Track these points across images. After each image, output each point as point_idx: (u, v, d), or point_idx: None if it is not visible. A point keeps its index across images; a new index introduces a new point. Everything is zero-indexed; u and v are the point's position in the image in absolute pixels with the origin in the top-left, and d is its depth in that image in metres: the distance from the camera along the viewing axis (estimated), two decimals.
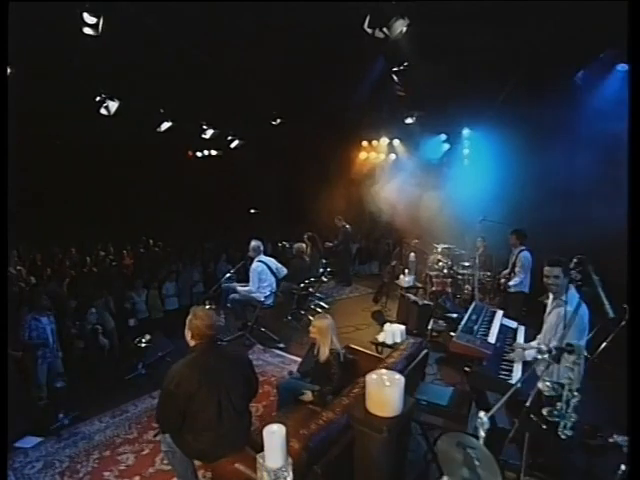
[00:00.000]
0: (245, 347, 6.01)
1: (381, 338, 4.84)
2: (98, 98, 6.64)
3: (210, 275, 9.04)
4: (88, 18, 4.90)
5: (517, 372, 3.19)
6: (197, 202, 13.90)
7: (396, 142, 11.39)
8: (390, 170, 11.30)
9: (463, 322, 3.89)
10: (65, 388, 4.63)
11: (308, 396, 3.86)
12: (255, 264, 5.90)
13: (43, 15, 5.07)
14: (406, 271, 7.46)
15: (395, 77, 6.23)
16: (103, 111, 6.71)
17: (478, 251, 7.94)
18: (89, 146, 10.22)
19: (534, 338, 3.61)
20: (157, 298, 7.56)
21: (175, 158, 12.68)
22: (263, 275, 5.88)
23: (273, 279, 6.00)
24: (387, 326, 4.89)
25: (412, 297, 6.73)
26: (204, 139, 9.19)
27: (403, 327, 4.87)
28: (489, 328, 3.90)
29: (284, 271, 6.27)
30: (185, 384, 2.56)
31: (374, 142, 11.75)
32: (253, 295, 5.90)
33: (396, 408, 2.30)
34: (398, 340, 4.75)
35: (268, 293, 5.93)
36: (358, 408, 2.47)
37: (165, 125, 8.06)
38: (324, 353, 3.89)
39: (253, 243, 6.08)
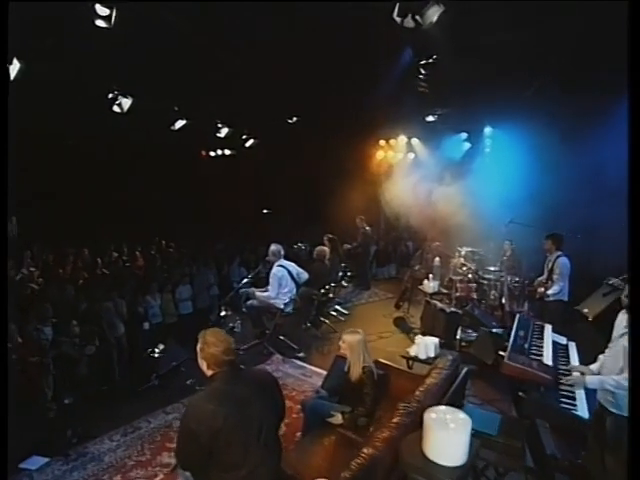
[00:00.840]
0: (263, 356, 5.63)
1: (413, 352, 4.44)
2: (110, 95, 6.29)
3: (224, 278, 8.70)
4: (100, 10, 4.55)
5: (581, 401, 2.76)
6: (210, 202, 13.57)
7: (415, 141, 10.96)
8: (408, 169, 10.85)
9: (511, 339, 3.46)
10: (73, 404, 4.28)
11: (338, 418, 3.47)
12: (275, 269, 5.52)
13: (54, 6, 4.76)
14: (430, 276, 7.03)
15: (422, 71, 5.78)
16: (116, 108, 6.38)
17: (505, 255, 7.51)
18: (102, 145, 9.91)
19: (593, 358, 3.17)
20: (171, 302, 7.22)
21: (188, 157, 12.36)
22: (283, 281, 5.50)
23: (293, 285, 5.62)
24: (419, 338, 4.49)
25: (438, 304, 6.30)
26: (219, 138, 8.83)
27: (436, 340, 4.47)
28: (540, 346, 3.47)
29: (305, 276, 5.88)
30: (208, 421, 2.17)
31: (392, 141, 11.32)
32: (272, 301, 5.52)
33: (462, 455, 1.89)
34: (432, 354, 4.34)
35: (288, 300, 5.54)
36: (411, 451, 2.06)
37: (179, 123, 7.71)
38: (356, 371, 3.50)
39: (273, 247, 5.70)
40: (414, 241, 10.41)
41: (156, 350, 4.72)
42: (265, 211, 16.14)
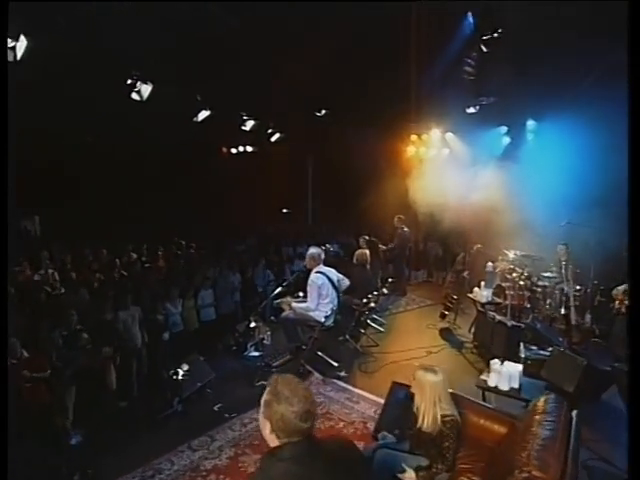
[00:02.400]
0: (299, 376, 4.81)
1: (492, 381, 3.56)
2: (130, 81, 5.56)
3: (248, 282, 7.91)
4: None
5: None
6: (229, 201, 12.83)
7: (449, 135, 10.01)
8: (443, 166, 9.89)
9: None
10: (80, 443, 3.52)
11: (411, 476, 2.65)
12: (314, 276, 4.69)
13: None
14: (482, 283, 6.13)
15: (483, 47, 4.89)
16: (135, 96, 5.64)
17: (562, 260, 6.56)
18: (120, 140, 9.20)
19: None
20: (193, 309, 6.46)
21: (209, 154, 11.62)
22: (324, 289, 4.67)
23: (335, 294, 4.78)
24: (496, 365, 3.61)
25: (497, 316, 5.40)
26: (244, 131, 8.05)
27: (520, 367, 3.60)
28: None
29: (346, 283, 5.06)
30: None
31: (424, 136, 10.38)
32: (311, 314, 4.70)
33: None
34: (515, 385, 3.48)
35: (329, 312, 4.71)
36: None
37: (203, 114, 6.95)
38: (431, 420, 2.65)
39: (313, 250, 4.88)
40: (453, 243, 9.51)
41: (179, 371, 3.96)
42: (285, 211, 15.41)
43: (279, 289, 5.39)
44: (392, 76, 7.66)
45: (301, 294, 5.10)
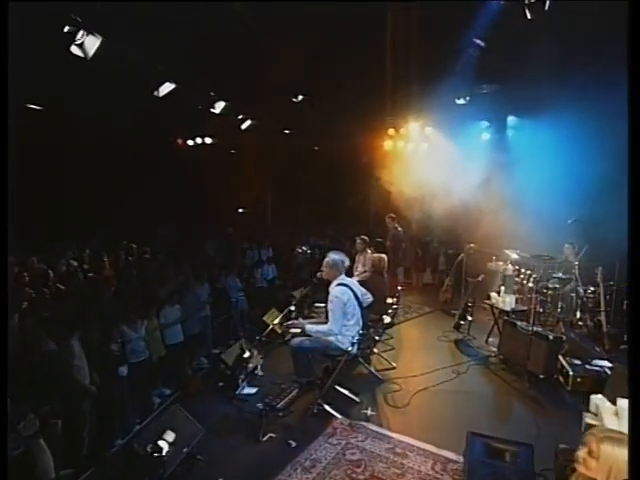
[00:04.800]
0: (316, 420, 3.56)
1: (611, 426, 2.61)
2: (67, 28, 3.96)
3: (219, 293, 6.45)
4: None
5: None
6: (187, 198, 11.13)
7: (429, 129, 9.26)
8: (422, 160, 9.11)
9: None
10: None
11: None
12: (339, 290, 3.49)
13: None
14: (502, 288, 5.29)
15: (527, 13, 3.99)
16: (76, 50, 4.06)
17: (569, 260, 5.96)
18: (50, 113, 7.10)
19: None
20: (157, 330, 4.94)
21: (162, 146, 9.86)
22: (350, 307, 3.49)
23: (360, 313, 3.62)
24: (602, 401, 2.68)
25: (530, 327, 4.53)
26: (211, 114, 6.58)
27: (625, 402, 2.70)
28: None
29: (369, 298, 3.91)
30: None
31: (402, 129, 9.54)
32: (332, 339, 3.49)
33: None
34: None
35: (356, 336, 3.53)
36: None
37: (166, 87, 5.41)
38: None
39: (335, 256, 3.67)
40: (438, 243, 8.76)
41: (163, 445, 2.57)
42: (241, 210, 13.93)
43: (291, 307, 4.14)
44: (365, 66, 6.71)
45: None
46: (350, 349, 3.50)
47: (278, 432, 3.36)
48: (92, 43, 4.10)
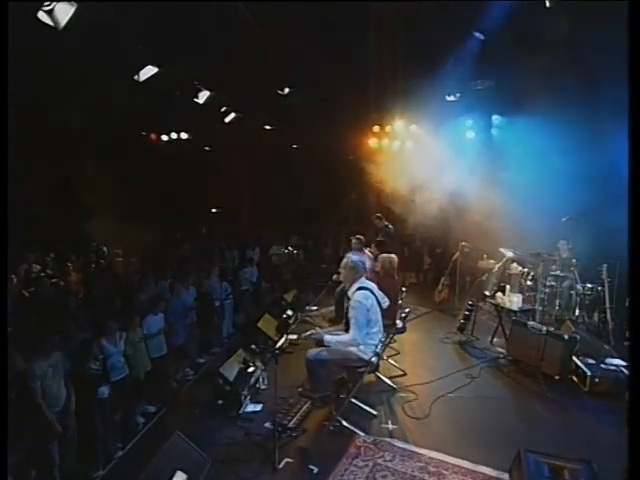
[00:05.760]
0: (334, 438, 3.13)
1: None
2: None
3: (204, 298, 5.86)
4: None
5: None
6: (160, 195, 10.36)
7: (414, 127, 9.07)
8: (409, 159, 8.90)
9: None
10: None
11: None
12: (361, 294, 3.09)
13: None
14: (508, 287, 5.09)
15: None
16: (44, 18, 3.44)
17: (563, 256, 5.88)
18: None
19: None
20: (142, 343, 4.33)
21: (138, 142, 9.08)
22: (373, 313, 3.11)
23: (381, 319, 3.24)
24: None
25: (543, 327, 4.33)
26: (195, 104, 6.01)
27: None
28: None
29: (387, 302, 3.55)
30: None
31: (387, 127, 9.30)
32: (353, 349, 3.09)
33: None
34: None
35: (379, 345, 3.15)
36: None
37: (148, 71, 4.80)
38: None
39: (354, 257, 3.28)
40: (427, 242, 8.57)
41: None
42: (214, 210, 13.25)
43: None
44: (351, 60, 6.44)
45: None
46: (374, 359, 3.11)
47: (295, 456, 2.92)
48: (65, 10, 3.49)
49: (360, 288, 3.14)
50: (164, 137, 9.51)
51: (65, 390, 3.07)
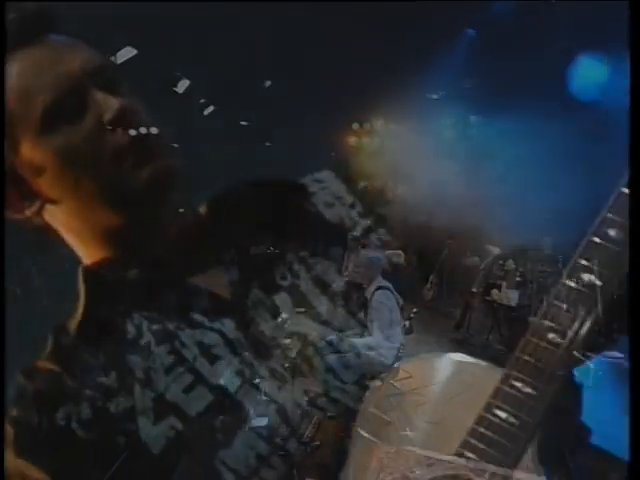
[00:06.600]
0: (342, 447, 2.93)
1: None
2: None
3: None
4: None
5: None
6: None
7: (393, 126, 9.02)
8: (388, 157, 8.84)
9: None
10: None
11: None
12: (382, 294, 2.89)
13: None
14: (504, 284, 5.08)
15: None
16: None
17: (547, 252, 6.00)
18: None
19: None
20: None
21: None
22: (395, 314, 2.91)
23: (401, 320, 3.06)
24: None
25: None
26: (176, 94, 5.56)
27: None
28: None
29: (401, 302, 3.37)
30: None
31: (366, 125, 9.19)
32: (373, 354, 2.86)
33: None
34: None
35: (400, 347, 2.95)
36: None
37: (126, 52, 4.33)
38: None
39: (370, 254, 3.02)
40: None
41: None
42: (181, 210, 12.63)
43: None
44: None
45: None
46: (395, 364, 2.91)
47: (316, 475, 2.65)
48: None
49: (380, 287, 2.94)
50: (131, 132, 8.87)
51: None
